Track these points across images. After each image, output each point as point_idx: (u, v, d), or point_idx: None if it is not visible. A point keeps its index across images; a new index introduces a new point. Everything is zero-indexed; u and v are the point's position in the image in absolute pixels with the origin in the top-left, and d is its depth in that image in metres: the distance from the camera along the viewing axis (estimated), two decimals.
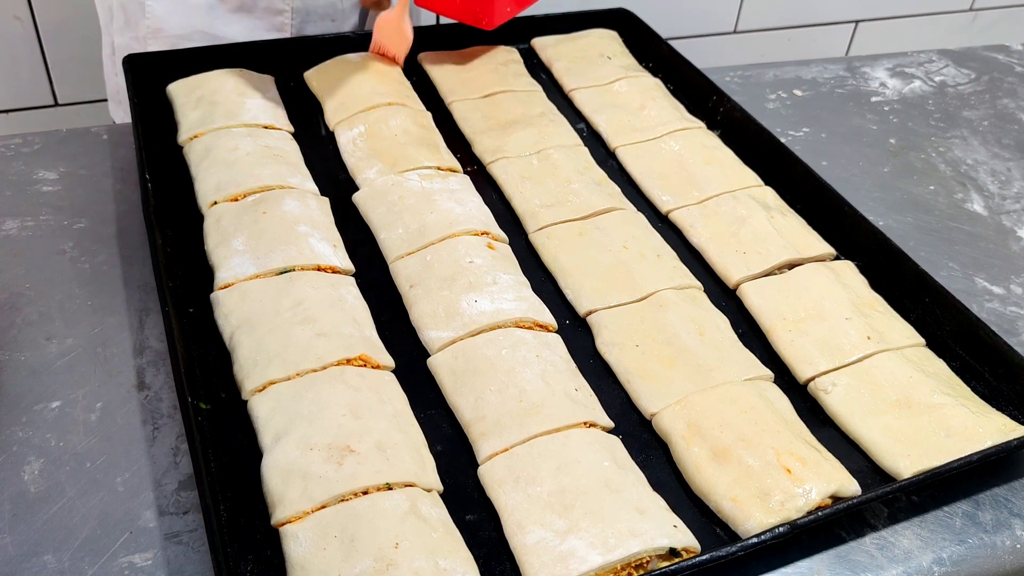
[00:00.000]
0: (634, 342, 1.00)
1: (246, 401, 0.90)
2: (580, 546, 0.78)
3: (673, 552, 0.79)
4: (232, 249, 1.04)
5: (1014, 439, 0.90)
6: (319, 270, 1.03)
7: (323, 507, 0.79)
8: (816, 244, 1.15)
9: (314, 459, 0.82)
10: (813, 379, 0.98)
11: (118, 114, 1.56)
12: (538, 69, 1.50)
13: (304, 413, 0.86)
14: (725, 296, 1.11)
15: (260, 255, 1.03)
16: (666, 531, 0.80)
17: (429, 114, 1.33)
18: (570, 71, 1.46)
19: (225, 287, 1.00)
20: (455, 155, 1.26)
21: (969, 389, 0.99)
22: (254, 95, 1.29)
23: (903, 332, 1.04)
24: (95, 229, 1.14)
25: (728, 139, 1.34)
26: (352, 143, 1.25)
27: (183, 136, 1.23)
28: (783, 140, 1.31)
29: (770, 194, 1.23)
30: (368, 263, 1.09)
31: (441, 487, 0.85)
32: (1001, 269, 1.23)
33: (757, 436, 0.88)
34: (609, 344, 1.00)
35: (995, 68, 1.74)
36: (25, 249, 1.10)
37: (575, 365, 0.97)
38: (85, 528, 0.82)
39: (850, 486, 0.86)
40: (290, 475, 0.81)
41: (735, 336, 1.02)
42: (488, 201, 1.18)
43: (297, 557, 0.76)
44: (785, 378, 1.00)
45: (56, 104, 2.00)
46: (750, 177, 1.25)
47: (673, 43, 1.52)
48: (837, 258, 1.15)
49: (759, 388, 0.95)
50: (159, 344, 1.00)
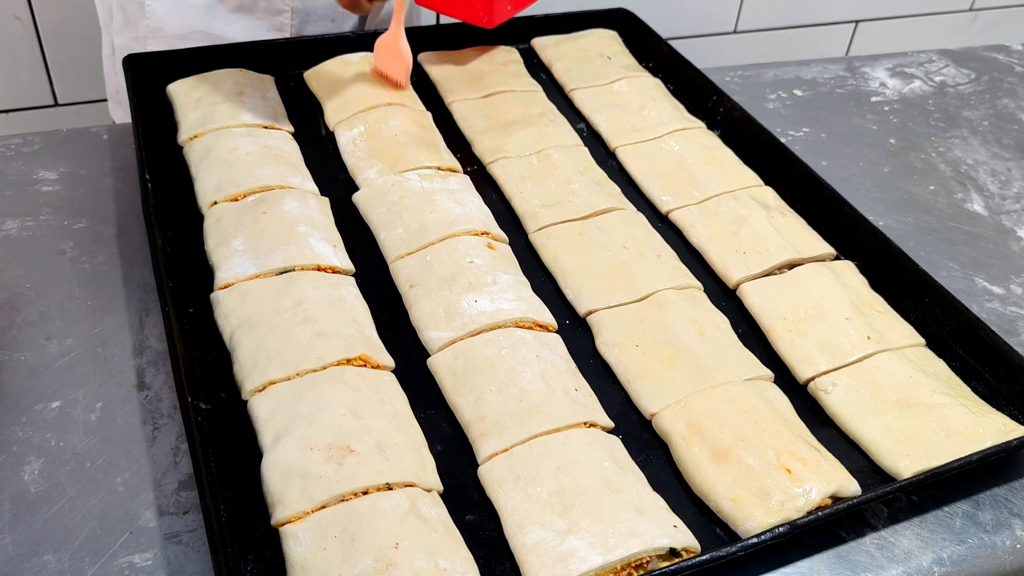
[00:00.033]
0: (634, 342, 1.00)
1: (246, 401, 0.90)
2: (580, 546, 0.78)
3: (673, 552, 0.79)
4: (232, 249, 1.04)
5: (1014, 439, 0.90)
6: (319, 270, 1.03)
7: (323, 507, 0.79)
8: (816, 244, 1.15)
9: (314, 459, 0.82)
10: (813, 379, 0.98)
11: (118, 114, 1.56)
12: (538, 69, 1.50)
13: (304, 413, 0.86)
14: (725, 296, 1.11)
15: (260, 255, 1.03)
16: (666, 531, 0.80)
17: (429, 114, 1.33)
18: (570, 71, 1.46)
19: (225, 287, 1.00)
20: (455, 155, 1.26)
21: (969, 389, 0.99)
22: (254, 95, 1.29)
23: (903, 332, 1.04)
24: (95, 229, 1.14)
25: (728, 139, 1.34)
26: (352, 143, 1.25)
27: (183, 136, 1.23)
28: (783, 140, 1.31)
29: (770, 194, 1.23)
30: (368, 263, 1.09)
31: (441, 487, 0.85)
32: (1001, 269, 1.23)
33: (757, 436, 0.88)
34: (609, 344, 1.00)
35: (995, 68, 1.74)
36: (25, 249, 1.10)
37: (575, 365, 0.97)
38: (85, 528, 0.82)
39: (850, 486, 0.86)
40: (290, 475, 0.81)
41: (735, 336, 1.02)
42: (488, 201, 1.18)
43: (297, 557, 0.76)
44: (785, 378, 1.00)
45: (56, 104, 2.00)
46: (750, 177, 1.25)
47: (673, 43, 1.52)
48: (837, 258, 1.15)
49: (759, 388, 0.95)
50: (159, 344, 1.00)
